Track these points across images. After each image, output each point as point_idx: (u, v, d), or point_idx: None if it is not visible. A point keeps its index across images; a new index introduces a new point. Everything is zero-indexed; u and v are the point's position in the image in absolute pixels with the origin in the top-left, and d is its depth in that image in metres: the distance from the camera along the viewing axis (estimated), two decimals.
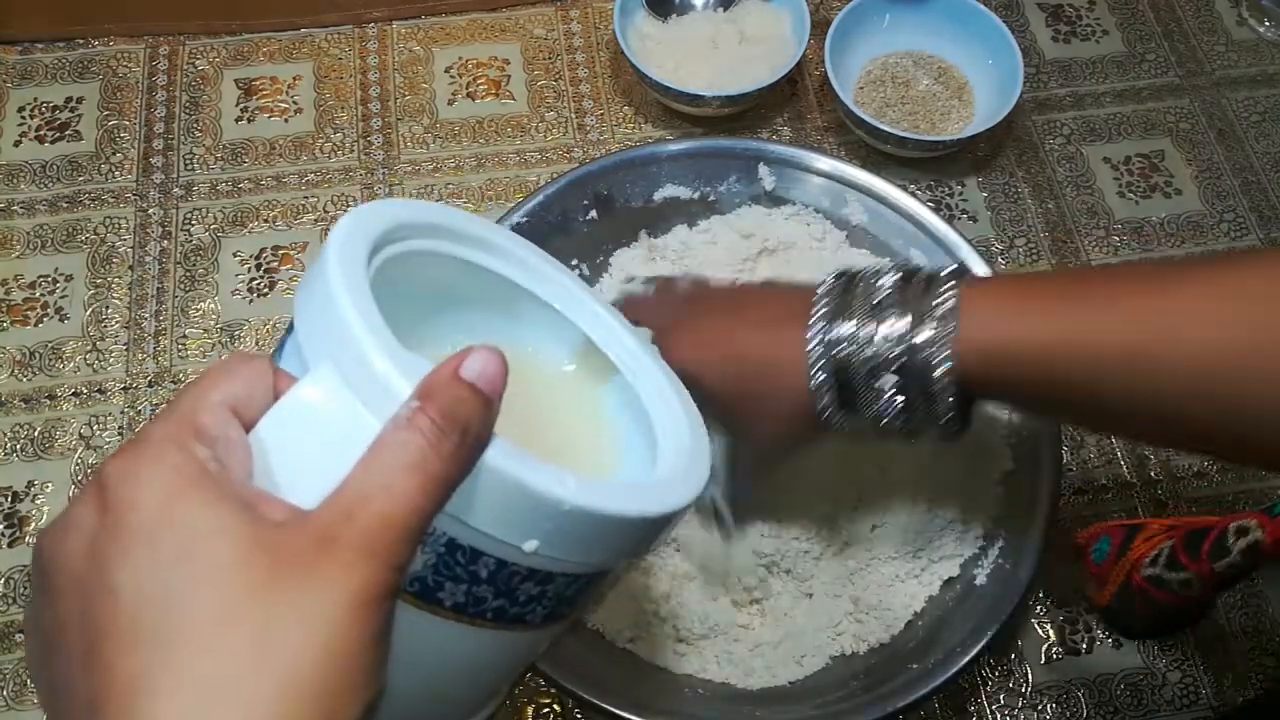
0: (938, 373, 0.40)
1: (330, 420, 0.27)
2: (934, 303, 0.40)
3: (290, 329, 0.31)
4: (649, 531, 0.33)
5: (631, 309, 0.46)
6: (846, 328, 0.41)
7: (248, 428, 0.27)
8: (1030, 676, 0.58)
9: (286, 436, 0.27)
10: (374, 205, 0.34)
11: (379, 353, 0.27)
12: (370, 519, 0.24)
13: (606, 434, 0.41)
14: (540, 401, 0.42)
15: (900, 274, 0.42)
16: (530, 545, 0.28)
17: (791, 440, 0.47)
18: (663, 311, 0.48)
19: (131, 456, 0.25)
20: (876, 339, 0.41)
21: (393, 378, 0.27)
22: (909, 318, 0.41)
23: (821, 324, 0.42)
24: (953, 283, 0.41)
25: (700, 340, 0.44)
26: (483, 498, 0.27)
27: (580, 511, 0.28)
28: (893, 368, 0.41)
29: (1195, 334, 0.36)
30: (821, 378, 0.42)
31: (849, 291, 0.43)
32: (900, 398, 0.41)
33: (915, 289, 0.41)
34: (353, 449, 0.25)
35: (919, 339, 0.40)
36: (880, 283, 0.42)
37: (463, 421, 0.25)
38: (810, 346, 0.42)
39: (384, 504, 0.24)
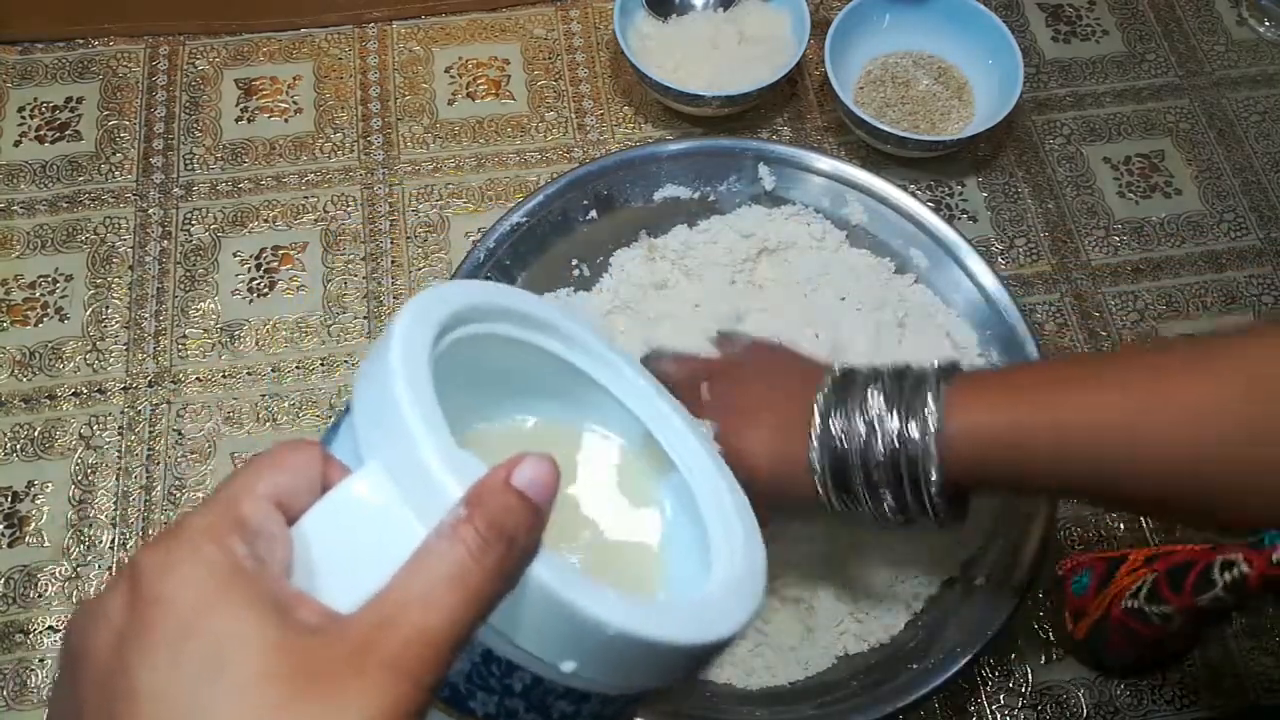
0: (926, 471, 0.42)
1: (376, 521, 0.26)
2: (921, 404, 0.43)
3: (347, 409, 0.30)
4: (695, 659, 0.31)
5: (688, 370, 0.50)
6: (841, 429, 0.44)
7: (292, 519, 0.26)
8: (1030, 676, 0.58)
9: (330, 534, 0.26)
10: (441, 289, 0.34)
11: (434, 456, 0.26)
12: (405, 632, 0.23)
13: (657, 536, 0.40)
14: (594, 492, 0.41)
15: (891, 374, 0.45)
16: (569, 666, 0.27)
17: (808, 516, 0.49)
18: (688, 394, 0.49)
19: (167, 549, 0.24)
20: (867, 436, 0.43)
21: (446, 482, 0.26)
22: (896, 416, 0.43)
23: (820, 422, 0.44)
24: (938, 383, 0.43)
25: (723, 441, 0.46)
26: (524, 611, 0.26)
27: (624, 637, 0.27)
28: (884, 466, 0.43)
29: (1179, 431, 0.39)
30: (819, 473, 0.44)
31: (845, 391, 0.45)
32: (892, 495, 0.44)
33: (906, 389, 0.43)
34: (398, 552, 0.25)
35: (908, 439, 0.42)
36: (873, 380, 0.44)
37: (510, 532, 0.25)
38: (812, 451, 0.44)
39: (422, 617, 0.23)
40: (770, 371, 0.50)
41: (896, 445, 0.42)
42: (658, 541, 0.40)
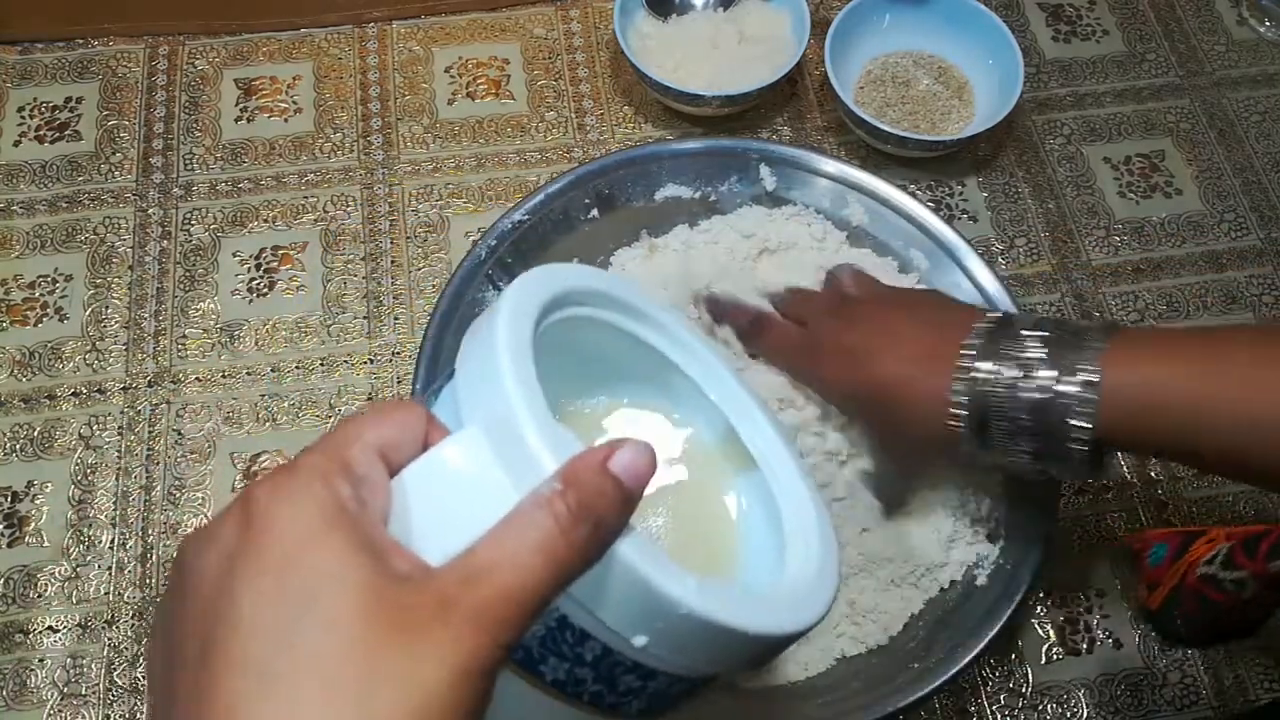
0: (1075, 430, 0.42)
1: (472, 484, 0.27)
2: (1080, 360, 0.42)
3: (450, 375, 0.31)
4: (763, 649, 0.32)
5: (795, 303, 0.53)
6: (992, 371, 0.43)
7: (393, 471, 0.28)
8: (1030, 676, 0.58)
9: (428, 490, 0.27)
10: (548, 270, 0.35)
11: (532, 427, 0.27)
12: (490, 590, 0.24)
13: (734, 526, 0.41)
14: (675, 480, 0.42)
15: (1053, 325, 0.44)
16: (640, 640, 0.28)
17: (922, 463, 0.50)
18: (817, 309, 0.51)
19: (280, 483, 0.26)
20: (1020, 387, 0.42)
21: (542, 455, 0.27)
22: (1055, 371, 0.42)
23: (969, 364, 0.44)
24: (1100, 340, 0.42)
25: (851, 361, 0.47)
26: (604, 583, 0.27)
27: (697, 618, 0.28)
28: (1032, 417, 0.42)
29: None
30: (963, 415, 0.44)
31: (1001, 335, 0.44)
32: (1032, 446, 0.43)
33: (1065, 342, 0.43)
34: (490, 515, 0.26)
35: (1062, 394, 0.42)
36: (1032, 331, 0.44)
37: (599, 514, 0.26)
38: (956, 384, 0.44)
39: (507, 578, 0.24)
40: (917, 304, 0.50)
41: (1048, 396, 0.42)
42: (732, 533, 0.41)
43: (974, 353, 0.44)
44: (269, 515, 0.25)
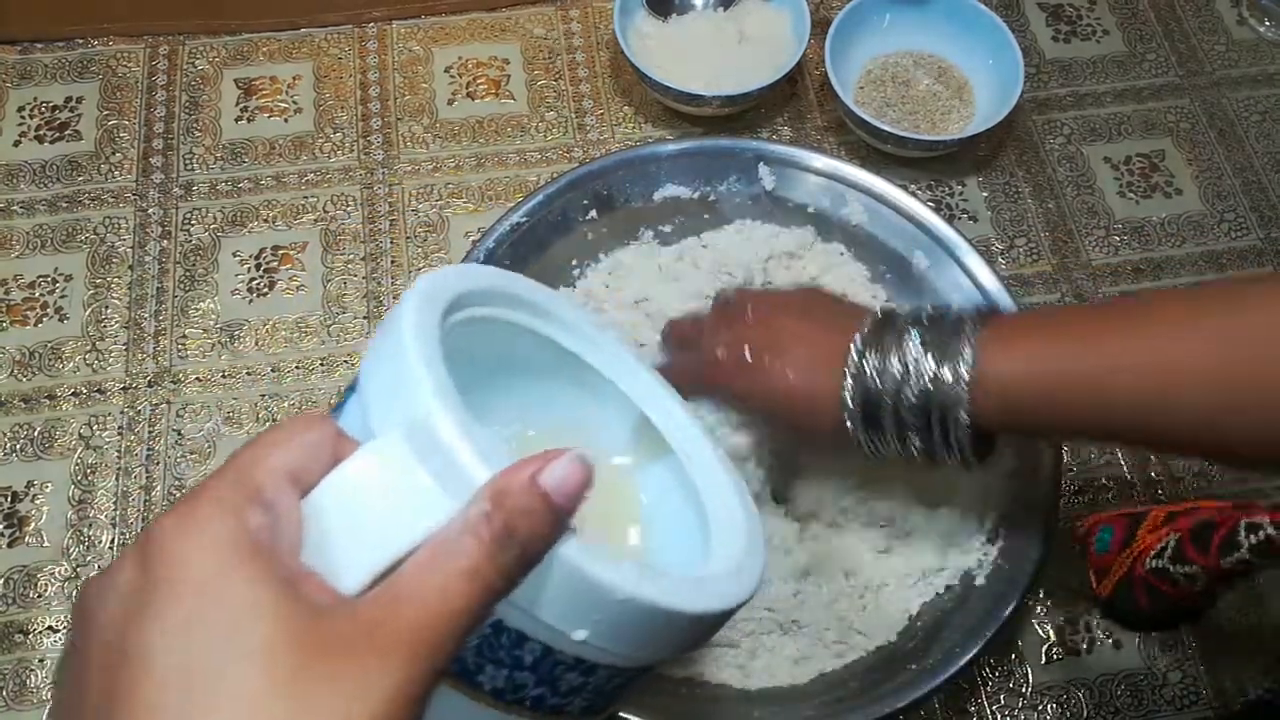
0: (956, 412, 0.43)
1: (394, 494, 0.26)
2: (957, 347, 0.43)
3: (353, 388, 0.30)
4: (701, 629, 0.32)
5: (681, 332, 0.53)
6: (876, 366, 0.44)
7: (304, 492, 0.26)
8: (1030, 677, 0.58)
9: (341, 508, 0.26)
10: (446, 271, 0.34)
11: (455, 431, 0.26)
12: (418, 615, 0.23)
13: (651, 516, 0.41)
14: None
15: (932, 316, 0.45)
16: (580, 634, 0.27)
17: (828, 451, 0.51)
18: (709, 328, 0.51)
19: (181, 517, 0.24)
20: (901, 377, 0.44)
21: (468, 459, 0.26)
22: (933, 361, 0.43)
23: (855, 359, 0.45)
24: (974, 327, 0.44)
25: (746, 371, 0.48)
26: (538, 582, 0.26)
27: (636, 603, 0.28)
28: (915, 407, 0.43)
29: (1199, 379, 0.39)
30: (851, 410, 0.45)
31: (885, 330, 0.45)
32: (920, 437, 0.44)
33: (943, 330, 0.44)
34: (418, 523, 0.25)
35: (941, 380, 0.43)
36: (913, 322, 0.45)
37: (526, 535, 0.25)
38: (845, 382, 0.45)
39: (434, 604, 0.24)
40: (810, 309, 0.50)
41: (929, 388, 0.43)
42: (651, 523, 0.41)
43: (859, 350, 0.45)
44: (174, 553, 0.23)
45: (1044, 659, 0.58)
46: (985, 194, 0.73)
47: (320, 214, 0.70)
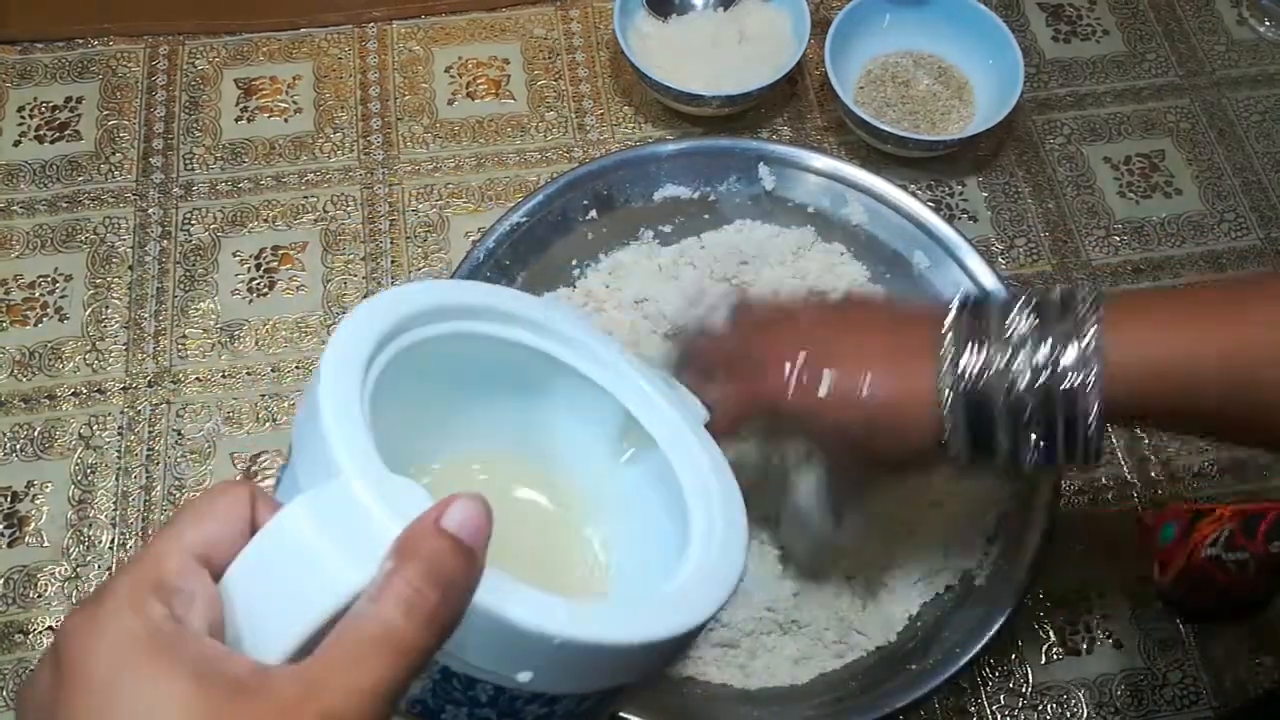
0: (1088, 401, 0.37)
1: (298, 567, 0.25)
2: (1076, 328, 0.37)
3: (289, 457, 0.30)
4: (661, 651, 0.30)
5: (702, 357, 0.45)
6: (979, 359, 0.38)
7: (221, 570, 0.25)
8: (1030, 676, 0.58)
9: (253, 584, 0.25)
10: (375, 301, 0.33)
11: (363, 488, 0.26)
12: (334, 696, 0.23)
13: (623, 522, 0.40)
14: (575, 485, 0.40)
15: (1035, 299, 0.39)
16: (524, 676, 0.27)
17: (907, 471, 0.45)
18: (752, 351, 0.44)
19: (86, 616, 0.24)
20: (1015, 370, 0.38)
21: (377, 515, 0.25)
22: (1047, 345, 0.37)
23: (950, 357, 0.39)
24: (1093, 304, 0.38)
25: (812, 388, 0.40)
26: (470, 634, 0.26)
27: (574, 644, 0.27)
28: (1033, 402, 0.38)
29: None
30: (952, 415, 0.39)
31: (978, 319, 0.39)
32: (1040, 433, 0.38)
33: (1052, 313, 0.38)
34: (322, 599, 0.24)
35: (1063, 367, 0.37)
36: (1014, 308, 0.39)
37: (445, 578, 0.24)
38: (942, 382, 0.39)
39: (352, 678, 0.23)
40: (869, 310, 0.44)
41: (1049, 375, 0.37)
42: (634, 528, 0.39)
43: (951, 344, 0.38)
44: (79, 654, 0.23)
45: (1044, 659, 0.58)
46: (985, 194, 0.73)
47: (320, 214, 0.70)
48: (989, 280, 0.60)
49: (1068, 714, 0.57)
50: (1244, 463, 0.63)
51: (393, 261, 0.69)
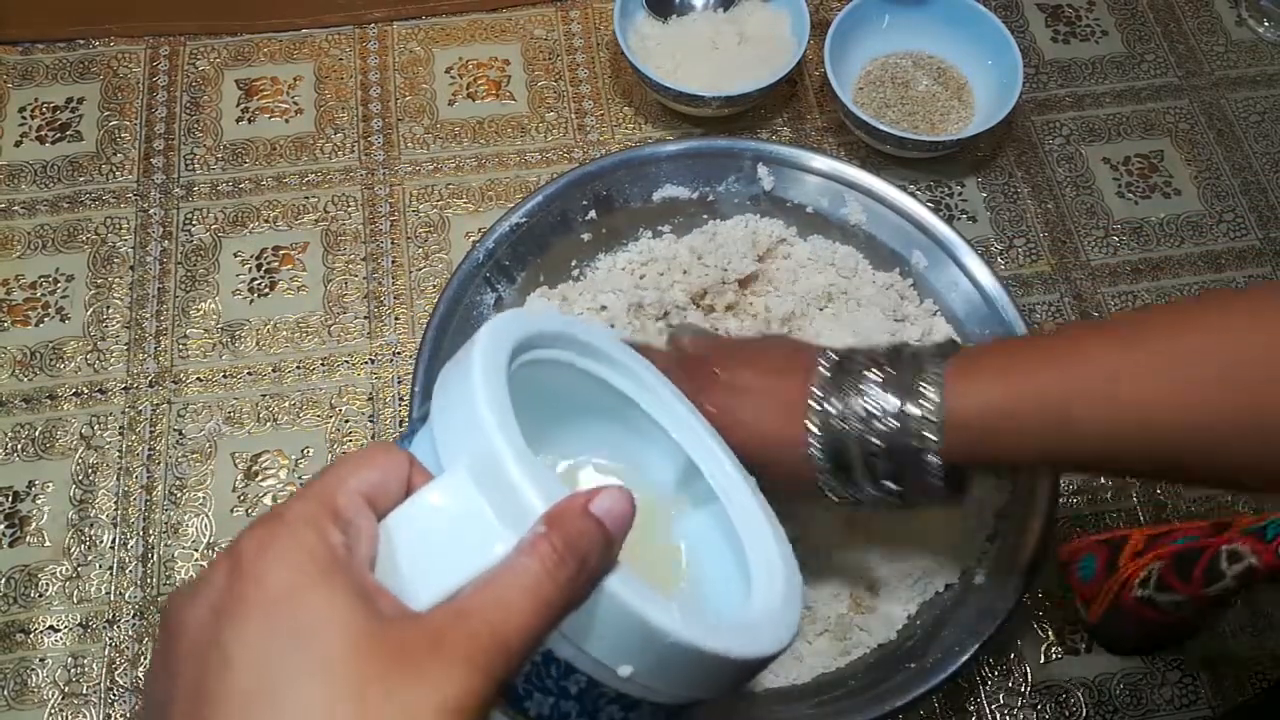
0: (926, 452, 0.42)
1: (461, 526, 0.28)
2: (919, 383, 0.42)
3: (424, 418, 0.32)
4: (742, 672, 0.33)
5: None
6: (839, 409, 0.43)
7: (379, 515, 0.28)
8: (1030, 676, 0.58)
9: (415, 534, 0.28)
10: (514, 314, 0.37)
11: (517, 467, 0.28)
12: (482, 627, 0.25)
13: (692, 559, 0.43)
14: (657, 503, 0.43)
15: (890, 353, 0.44)
16: (625, 670, 0.29)
17: (806, 498, 0.48)
18: (668, 371, 0.48)
19: (268, 531, 0.26)
20: (866, 417, 0.42)
21: (528, 494, 0.28)
22: (897, 398, 0.42)
23: (817, 405, 0.43)
24: (938, 360, 0.42)
25: (724, 429, 0.45)
26: (589, 617, 0.28)
27: (682, 645, 0.29)
28: (884, 449, 0.42)
29: (1161, 382, 0.38)
30: (820, 459, 0.43)
31: (844, 371, 0.44)
32: (891, 477, 0.43)
33: (904, 369, 0.43)
34: (479, 556, 0.27)
35: (907, 415, 0.41)
36: (870, 362, 0.43)
37: (583, 553, 0.27)
38: (810, 430, 0.43)
39: (497, 617, 0.25)
40: (766, 356, 0.49)
41: (896, 426, 0.42)
42: (678, 569, 0.42)
43: (820, 394, 0.43)
44: (260, 565, 0.25)
45: (1043, 658, 0.58)
46: (984, 194, 0.73)
47: (321, 214, 0.71)
48: (987, 281, 0.60)
49: (1067, 713, 0.57)
50: None
51: (393, 262, 0.69)
